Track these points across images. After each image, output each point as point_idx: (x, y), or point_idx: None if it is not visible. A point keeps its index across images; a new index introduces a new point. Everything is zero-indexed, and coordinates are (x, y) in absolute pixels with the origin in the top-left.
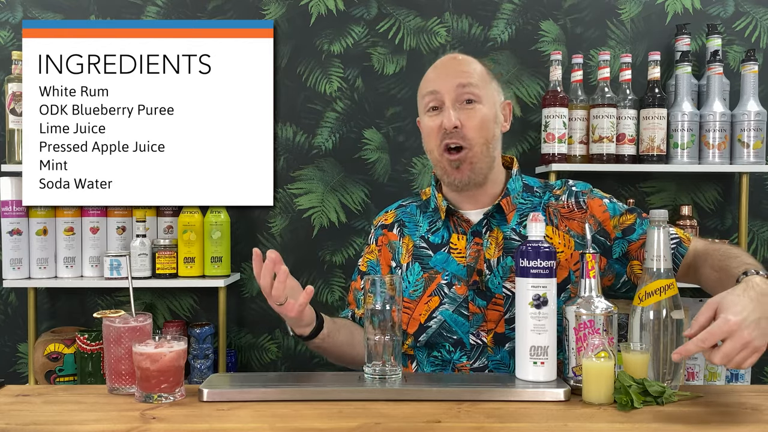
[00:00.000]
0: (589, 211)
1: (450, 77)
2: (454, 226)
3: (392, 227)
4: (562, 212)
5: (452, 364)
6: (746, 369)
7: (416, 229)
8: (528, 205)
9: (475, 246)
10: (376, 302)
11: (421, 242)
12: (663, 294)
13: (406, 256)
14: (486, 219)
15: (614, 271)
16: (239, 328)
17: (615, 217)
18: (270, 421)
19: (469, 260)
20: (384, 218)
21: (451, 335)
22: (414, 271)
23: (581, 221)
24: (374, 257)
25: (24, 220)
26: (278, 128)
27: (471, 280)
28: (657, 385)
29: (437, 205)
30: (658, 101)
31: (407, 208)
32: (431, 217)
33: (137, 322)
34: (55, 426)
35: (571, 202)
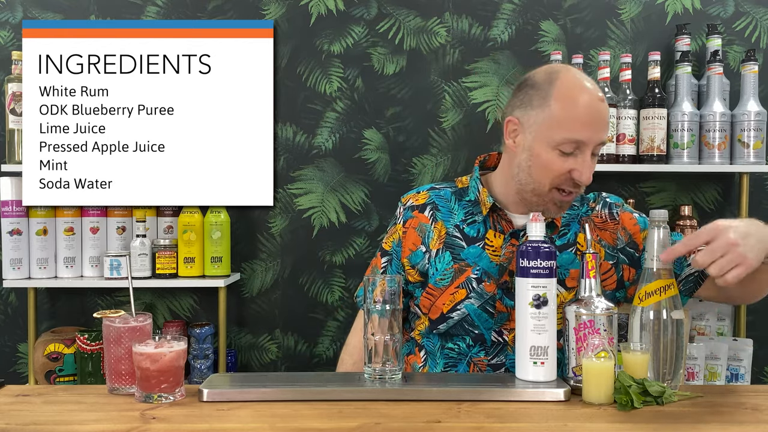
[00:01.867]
0: (621, 223)
1: (599, 131)
2: (494, 223)
3: (424, 209)
4: (596, 222)
5: (469, 357)
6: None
7: (450, 216)
8: (566, 218)
9: (511, 247)
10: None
11: (455, 231)
12: (663, 294)
13: (437, 242)
14: None
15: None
16: (239, 328)
17: (645, 231)
18: (270, 421)
19: (503, 260)
20: (414, 198)
21: (473, 329)
22: (444, 259)
23: (613, 232)
24: (397, 238)
25: (24, 220)
26: (278, 128)
27: (501, 280)
28: (657, 385)
29: (479, 198)
30: (658, 101)
31: (441, 192)
32: (468, 207)
33: (137, 322)
34: (55, 426)
35: (605, 213)
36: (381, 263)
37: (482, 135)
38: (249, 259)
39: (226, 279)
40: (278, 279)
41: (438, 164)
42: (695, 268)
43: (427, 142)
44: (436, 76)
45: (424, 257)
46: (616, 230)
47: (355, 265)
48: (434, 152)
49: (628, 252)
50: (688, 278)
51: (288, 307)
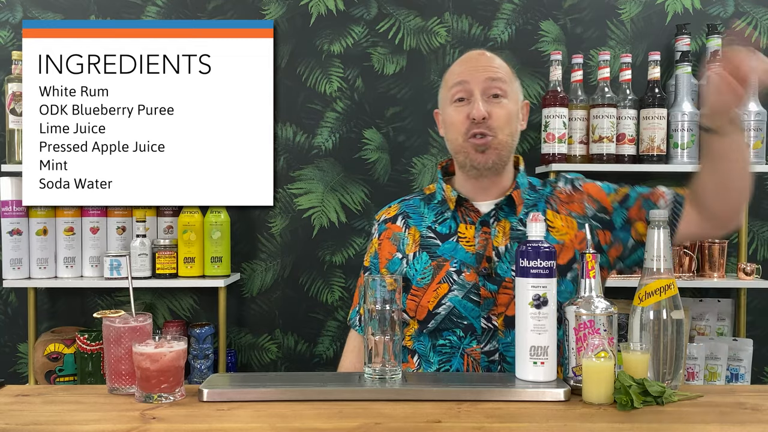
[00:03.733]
0: (586, 192)
1: (480, 71)
2: (462, 216)
3: (396, 219)
4: (561, 198)
5: (462, 349)
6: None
7: (422, 220)
8: (532, 199)
9: (484, 234)
10: (375, 302)
11: (428, 232)
12: (663, 294)
13: (412, 246)
14: (495, 210)
15: (620, 240)
16: (239, 328)
17: (611, 194)
18: (270, 421)
19: (478, 248)
20: (386, 212)
21: (462, 320)
22: (422, 259)
23: (580, 202)
24: (374, 251)
25: (24, 220)
26: (278, 128)
27: (480, 267)
28: (657, 385)
29: (445, 196)
30: (658, 101)
31: (410, 201)
32: (437, 209)
33: (137, 322)
34: (55, 426)
35: (568, 188)
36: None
37: None
38: (249, 259)
39: (226, 279)
40: (278, 279)
41: (438, 164)
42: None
43: (427, 142)
44: (436, 76)
45: (401, 263)
46: (582, 200)
47: (355, 265)
48: (434, 152)
49: (599, 217)
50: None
51: (288, 307)
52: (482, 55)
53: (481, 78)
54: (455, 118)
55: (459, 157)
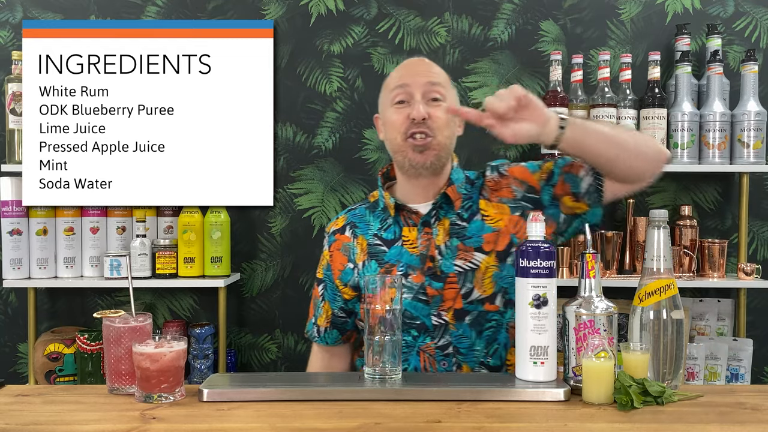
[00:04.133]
0: (512, 176)
1: (420, 75)
2: (404, 219)
3: (344, 230)
4: (490, 186)
5: (416, 347)
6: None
7: (368, 228)
8: (468, 194)
9: (426, 235)
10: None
11: (375, 240)
12: (663, 294)
13: (361, 255)
14: (434, 209)
15: (552, 216)
16: (239, 328)
17: (536, 172)
18: (270, 421)
19: (421, 248)
20: (335, 224)
21: (414, 320)
22: (371, 268)
23: (508, 186)
24: (326, 263)
25: (24, 220)
26: (278, 128)
27: (425, 267)
28: (657, 385)
29: (386, 203)
30: (658, 101)
31: (356, 211)
32: (381, 215)
33: (137, 322)
34: (55, 426)
35: (495, 175)
36: (318, 291)
37: (482, 135)
38: (249, 259)
39: (226, 279)
40: (278, 279)
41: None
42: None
43: None
44: None
45: (353, 273)
46: (510, 184)
47: None
48: None
49: (528, 197)
50: (589, 190)
51: (288, 307)
52: (422, 62)
53: (421, 82)
54: (395, 119)
55: (398, 158)
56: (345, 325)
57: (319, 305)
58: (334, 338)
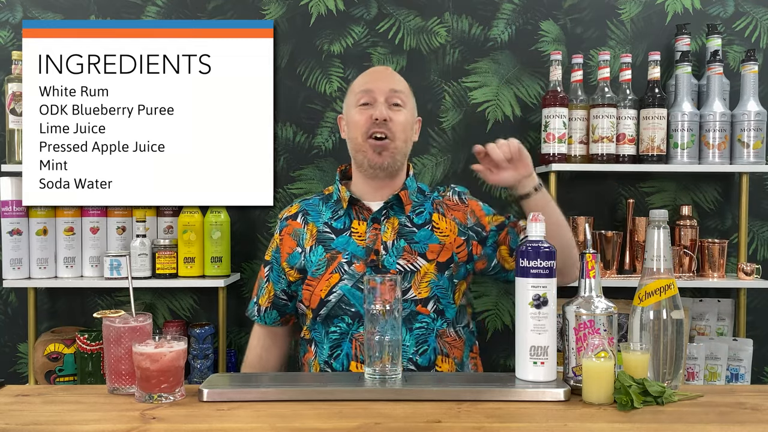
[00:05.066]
0: (470, 207)
1: (384, 81)
2: (356, 213)
3: (296, 217)
4: (448, 204)
5: (350, 334)
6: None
7: (319, 217)
8: (419, 202)
9: (374, 230)
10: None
11: (324, 228)
12: (663, 294)
13: (309, 240)
14: (386, 208)
15: (486, 256)
16: (239, 328)
17: (489, 216)
18: (270, 421)
19: (368, 242)
20: (288, 210)
21: (350, 308)
22: (317, 252)
23: (464, 212)
24: (275, 246)
25: (24, 220)
26: (278, 128)
27: (369, 259)
28: (657, 385)
29: (340, 196)
30: (658, 101)
31: (310, 200)
32: (334, 207)
33: (137, 322)
34: (55, 426)
35: (456, 198)
36: (264, 273)
37: (482, 135)
38: (249, 259)
39: (226, 279)
40: None
41: (438, 164)
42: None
43: (427, 142)
44: (436, 76)
45: (300, 256)
46: (466, 212)
47: None
48: (434, 152)
49: (476, 230)
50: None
51: None
52: (386, 70)
53: (385, 88)
54: (358, 119)
55: (358, 156)
56: (285, 307)
57: (263, 286)
58: (273, 318)
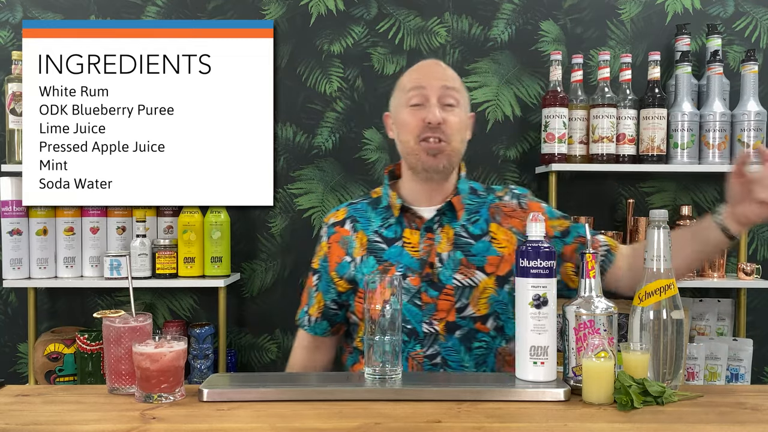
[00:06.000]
0: (530, 210)
1: (436, 78)
2: (408, 222)
3: (344, 223)
4: (505, 211)
5: (406, 352)
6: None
7: (369, 224)
8: (474, 206)
9: (428, 241)
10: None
11: (375, 236)
12: (663, 294)
13: (359, 249)
14: (438, 216)
15: None
16: (239, 328)
17: (552, 219)
18: (270, 421)
19: (422, 254)
20: (334, 216)
21: (405, 324)
22: (369, 263)
23: (522, 219)
24: (323, 254)
25: (24, 220)
26: (278, 128)
27: (424, 272)
28: (657, 385)
29: (390, 203)
30: (658, 101)
31: (358, 205)
32: (383, 213)
33: (137, 322)
34: (55, 426)
35: (514, 203)
36: (312, 281)
37: (482, 135)
38: (249, 259)
39: (226, 279)
40: (278, 279)
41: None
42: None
43: None
44: None
45: (349, 266)
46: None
47: None
48: None
49: None
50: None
51: (288, 307)
52: (438, 65)
53: (438, 86)
54: (410, 121)
55: (410, 160)
56: (335, 317)
57: (312, 295)
58: (323, 329)
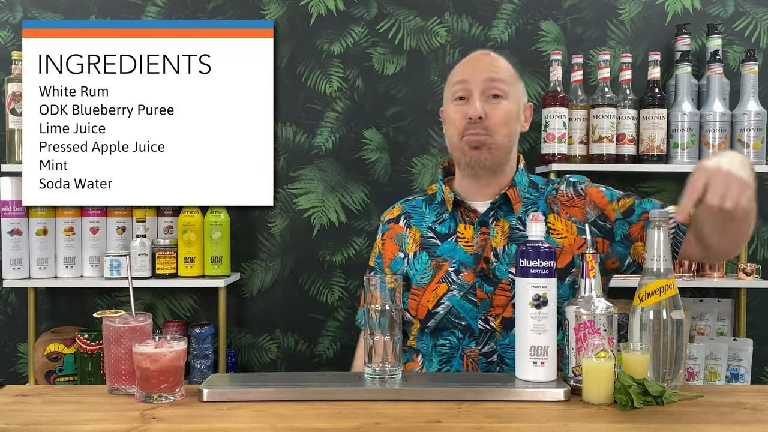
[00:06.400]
0: (588, 197)
1: (481, 71)
2: (461, 216)
3: (398, 220)
4: (562, 200)
5: (461, 350)
6: (746, 205)
7: (423, 220)
8: (532, 199)
9: (482, 235)
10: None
11: (428, 232)
12: (663, 294)
13: (413, 245)
14: (493, 209)
15: (617, 254)
16: (239, 328)
17: (613, 201)
18: (270, 421)
19: (477, 248)
20: (390, 213)
21: (460, 321)
22: (422, 259)
23: (581, 207)
24: (377, 251)
25: (24, 220)
26: (278, 128)
27: (478, 267)
28: (657, 385)
29: (444, 197)
30: (658, 101)
31: (413, 202)
32: (437, 209)
33: (137, 322)
34: (55, 426)
35: (570, 191)
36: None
37: None
38: (249, 259)
39: (226, 279)
40: (278, 279)
41: (438, 164)
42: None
43: (427, 142)
44: (436, 76)
45: (403, 262)
46: (584, 205)
47: (355, 265)
48: (434, 152)
49: (599, 224)
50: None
51: (288, 307)
52: (486, 56)
53: (481, 78)
54: (454, 116)
55: (456, 155)
56: None
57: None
58: None
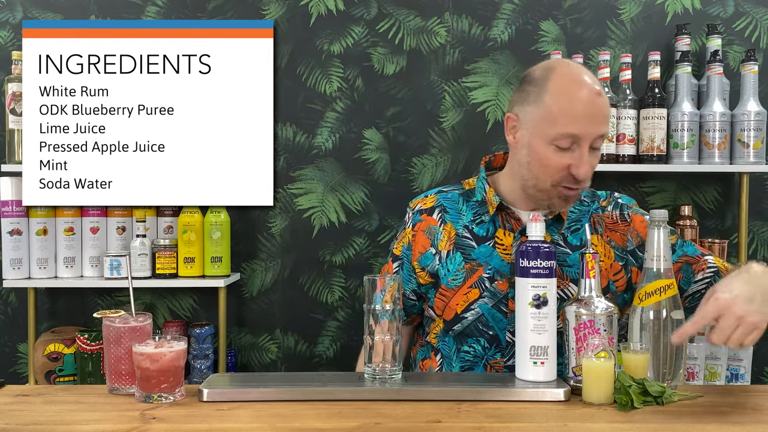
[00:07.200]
0: (632, 224)
1: (597, 124)
2: (502, 221)
3: (432, 212)
4: (607, 222)
5: (485, 360)
6: (748, 347)
7: (459, 217)
8: (576, 214)
9: None
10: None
11: (465, 231)
12: (663, 294)
13: (446, 243)
14: None
15: None
16: (239, 328)
17: None
18: (270, 421)
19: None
20: (423, 202)
21: (488, 330)
22: (455, 260)
23: (623, 234)
24: (407, 242)
25: (24, 220)
26: (278, 128)
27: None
28: (657, 385)
29: (486, 198)
30: (658, 101)
31: (448, 194)
32: (476, 208)
33: (137, 322)
34: (55, 426)
35: (616, 214)
36: (393, 268)
37: (482, 135)
38: (249, 259)
39: (226, 279)
40: (278, 279)
41: (438, 164)
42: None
43: (427, 142)
44: (436, 76)
45: (434, 259)
46: (627, 232)
47: (355, 265)
48: (434, 152)
49: (637, 255)
50: (694, 295)
51: (288, 307)
52: (600, 98)
53: (596, 133)
54: (553, 162)
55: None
56: (413, 308)
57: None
58: None
